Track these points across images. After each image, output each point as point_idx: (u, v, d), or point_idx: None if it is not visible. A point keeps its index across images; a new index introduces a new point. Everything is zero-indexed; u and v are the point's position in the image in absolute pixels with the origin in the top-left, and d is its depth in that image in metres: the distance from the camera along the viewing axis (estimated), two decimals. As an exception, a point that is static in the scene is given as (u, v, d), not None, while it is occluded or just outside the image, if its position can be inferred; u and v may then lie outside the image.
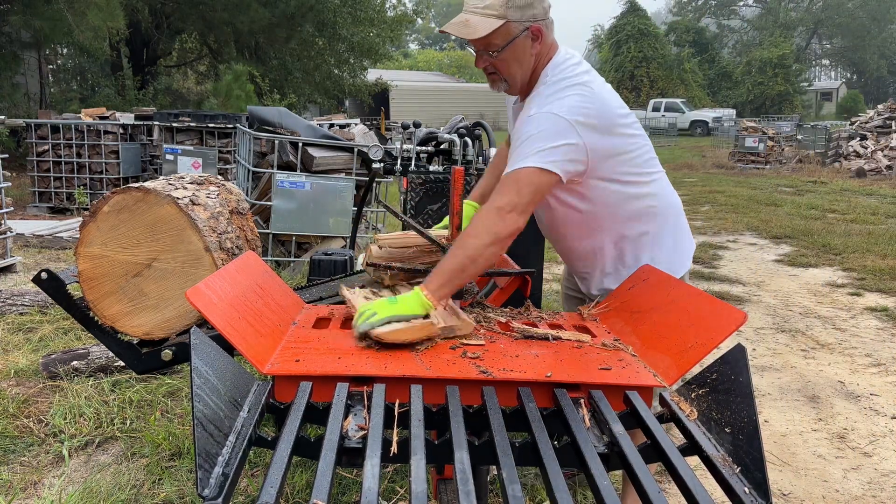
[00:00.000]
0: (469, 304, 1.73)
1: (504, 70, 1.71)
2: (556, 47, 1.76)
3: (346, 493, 2.50)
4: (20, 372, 3.51)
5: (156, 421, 2.99)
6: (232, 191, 2.06)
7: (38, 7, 12.46)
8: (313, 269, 2.70)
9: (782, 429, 3.25)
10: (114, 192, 1.75)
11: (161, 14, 18.55)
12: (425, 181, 2.24)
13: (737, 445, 1.04)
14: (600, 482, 0.93)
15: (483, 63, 1.72)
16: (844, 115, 29.80)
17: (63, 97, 17.17)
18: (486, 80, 1.78)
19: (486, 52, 1.69)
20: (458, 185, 1.74)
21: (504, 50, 1.66)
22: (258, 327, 1.35)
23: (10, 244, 5.85)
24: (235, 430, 1.01)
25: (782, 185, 13.14)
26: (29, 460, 2.73)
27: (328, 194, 5.45)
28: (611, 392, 1.24)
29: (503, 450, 1.01)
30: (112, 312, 1.78)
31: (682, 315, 1.42)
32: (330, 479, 0.90)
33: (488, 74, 1.75)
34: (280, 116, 5.98)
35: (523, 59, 1.69)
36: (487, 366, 1.29)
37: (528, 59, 1.70)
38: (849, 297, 5.57)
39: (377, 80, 25.99)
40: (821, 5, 45.70)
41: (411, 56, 59.28)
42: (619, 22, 39.50)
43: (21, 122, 10.15)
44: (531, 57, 1.70)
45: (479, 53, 1.71)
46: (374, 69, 26.15)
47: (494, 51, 1.67)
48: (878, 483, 2.79)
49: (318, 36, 20.31)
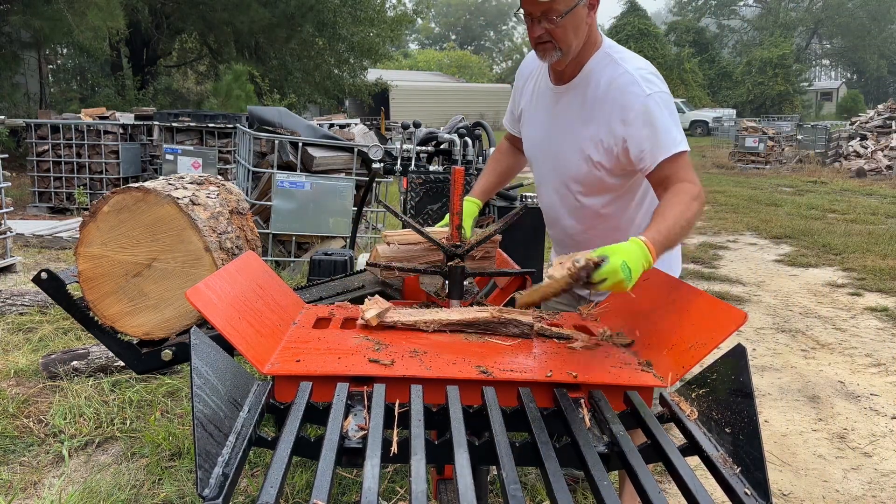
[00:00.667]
0: (469, 304, 1.72)
1: (561, 38, 1.68)
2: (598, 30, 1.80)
3: (346, 493, 2.50)
4: (20, 372, 3.51)
5: (156, 421, 2.99)
6: (232, 191, 2.06)
7: (38, 7, 12.46)
8: (313, 269, 2.69)
9: (782, 429, 3.25)
10: (114, 192, 1.74)
11: (161, 14, 18.55)
12: (425, 181, 2.24)
13: (737, 445, 1.04)
14: (600, 482, 0.93)
15: (539, 31, 1.68)
16: (844, 115, 29.81)
17: (63, 97, 17.17)
18: (536, 49, 1.73)
19: (545, 19, 1.65)
20: (458, 185, 1.74)
21: (565, 16, 1.64)
22: (258, 327, 1.35)
23: (10, 244, 5.85)
24: (235, 430, 1.01)
25: (782, 185, 13.14)
26: (29, 460, 2.73)
27: (328, 194, 5.45)
28: (611, 392, 1.24)
29: (503, 450, 1.01)
30: (112, 312, 1.78)
31: (682, 315, 1.41)
32: (330, 479, 0.90)
33: (540, 44, 1.71)
34: (280, 116, 5.99)
35: (579, 28, 1.69)
36: (487, 366, 1.29)
37: (583, 28, 1.70)
38: (849, 297, 5.57)
39: (377, 80, 25.99)
40: (821, 5, 45.72)
41: (411, 56, 59.26)
42: (619, 22, 39.48)
43: (21, 122, 10.16)
44: (586, 27, 1.71)
45: (535, 20, 1.68)
46: (374, 69, 26.15)
47: (556, 16, 1.64)
48: (878, 483, 2.79)
49: (318, 36, 20.31)
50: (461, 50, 64.51)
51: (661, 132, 1.65)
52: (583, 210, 1.89)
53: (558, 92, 1.84)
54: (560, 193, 1.92)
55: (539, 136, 1.93)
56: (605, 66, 1.75)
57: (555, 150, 1.87)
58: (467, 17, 77.11)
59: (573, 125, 1.80)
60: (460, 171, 1.74)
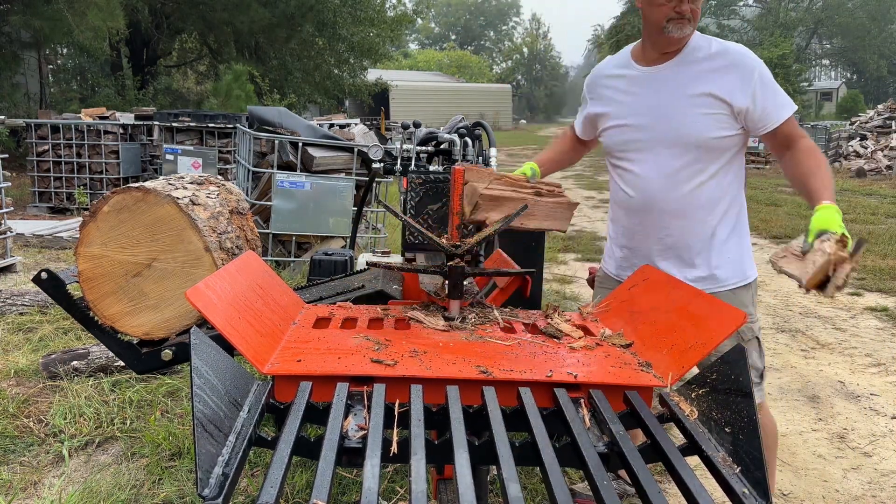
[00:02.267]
0: (469, 304, 1.73)
1: (696, 16, 1.87)
2: None
3: (346, 493, 2.50)
4: (20, 372, 3.51)
5: (156, 421, 2.99)
6: (232, 191, 2.06)
7: (38, 7, 12.46)
8: (313, 269, 2.69)
9: (782, 429, 3.24)
10: (114, 192, 1.74)
11: (161, 14, 18.55)
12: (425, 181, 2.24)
13: (737, 445, 1.04)
14: (600, 482, 0.93)
15: (687, 6, 1.84)
16: (844, 115, 29.78)
17: (63, 97, 17.17)
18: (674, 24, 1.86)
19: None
20: (458, 185, 1.74)
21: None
22: (258, 327, 1.35)
23: (10, 244, 5.85)
24: (235, 430, 1.01)
25: (782, 185, 13.13)
26: (29, 460, 2.73)
27: (328, 194, 5.45)
28: (611, 392, 1.24)
29: (503, 450, 1.01)
30: (112, 312, 1.78)
31: (682, 315, 1.42)
32: (330, 479, 0.90)
33: (679, 19, 1.86)
34: (280, 116, 5.99)
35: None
36: (487, 366, 1.29)
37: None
38: (849, 297, 5.57)
39: (377, 80, 25.99)
40: (821, 5, 45.69)
41: (411, 56, 59.28)
42: (620, 22, 39.43)
43: (21, 122, 10.16)
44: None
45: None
46: (374, 69, 26.15)
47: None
48: (878, 483, 2.79)
49: (318, 36, 20.31)
50: (461, 50, 64.54)
51: (780, 93, 1.88)
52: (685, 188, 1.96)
53: (657, 70, 1.98)
54: (668, 170, 1.96)
55: (645, 118, 2.00)
56: (707, 41, 1.93)
57: (674, 119, 1.94)
58: (467, 17, 77.10)
59: (685, 93, 1.92)
60: (460, 171, 1.74)
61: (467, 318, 1.61)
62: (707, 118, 1.89)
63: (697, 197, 1.96)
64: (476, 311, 1.70)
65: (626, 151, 2.05)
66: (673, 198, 1.98)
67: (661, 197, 1.99)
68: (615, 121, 2.07)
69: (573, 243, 7.82)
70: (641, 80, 2.01)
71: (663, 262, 2.02)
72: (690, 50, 1.94)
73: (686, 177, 1.95)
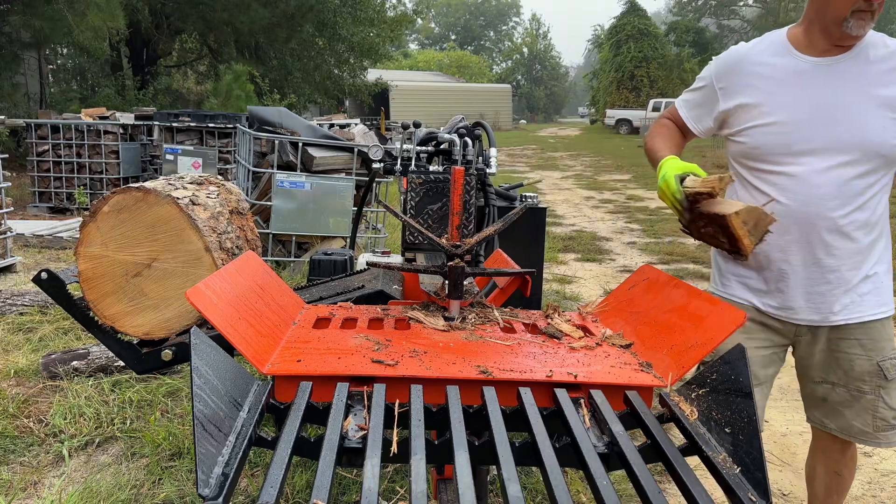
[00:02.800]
0: (469, 304, 1.73)
1: (879, 10, 1.69)
2: None
3: (346, 493, 2.51)
4: (20, 372, 3.52)
5: (156, 421, 2.99)
6: (232, 191, 2.06)
7: (38, 7, 12.47)
8: (313, 269, 2.69)
9: (782, 429, 3.25)
10: (114, 192, 1.75)
11: (161, 14, 18.55)
12: (425, 181, 2.24)
13: (737, 445, 1.04)
14: (600, 482, 0.93)
15: (875, 2, 1.66)
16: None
17: (63, 97, 17.17)
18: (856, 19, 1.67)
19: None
20: (458, 185, 1.74)
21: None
22: (258, 327, 1.35)
23: (10, 244, 5.85)
24: (235, 430, 1.01)
25: None
26: (29, 460, 2.73)
27: (328, 194, 5.45)
28: (611, 392, 1.24)
29: (503, 450, 1.01)
30: (112, 312, 1.78)
31: (682, 315, 1.42)
32: (330, 479, 0.90)
33: (862, 14, 1.67)
34: (280, 116, 5.99)
35: None
36: (487, 366, 1.29)
37: None
38: (849, 297, 5.57)
39: (377, 80, 26.02)
40: (821, 5, 45.66)
41: (411, 56, 59.30)
42: (619, 22, 39.52)
43: (21, 122, 10.17)
44: None
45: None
46: (374, 69, 26.18)
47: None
48: (878, 483, 2.79)
49: (318, 36, 20.33)
50: (461, 50, 64.57)
51: None
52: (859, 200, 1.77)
53: (834, 62, 1.75)
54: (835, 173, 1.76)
55: (817, 116, 1.77)
56: (879, 37, 1.76)
57: (848, 118, 1.74)
58: (467, 17, 77.17)
59: (870, 92, 1.73)
60: (460, 171, 1.74)
61: (467, 319, 1.61)
62: (893, 124, 1.71)
63: (864, 211, 1.79)
64: (476, 311, 1.70)
65: (786, 155, 1.79)
66: (840, 213, 1.77)
67: (826, 209, 1.77)
68: (771, 117, 1.81)
69: (573, 243, 7.82)
70: (811, 72, 1.77)
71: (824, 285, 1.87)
72: (868, 45, 1.74)
73: (860, 188, 1.76)
